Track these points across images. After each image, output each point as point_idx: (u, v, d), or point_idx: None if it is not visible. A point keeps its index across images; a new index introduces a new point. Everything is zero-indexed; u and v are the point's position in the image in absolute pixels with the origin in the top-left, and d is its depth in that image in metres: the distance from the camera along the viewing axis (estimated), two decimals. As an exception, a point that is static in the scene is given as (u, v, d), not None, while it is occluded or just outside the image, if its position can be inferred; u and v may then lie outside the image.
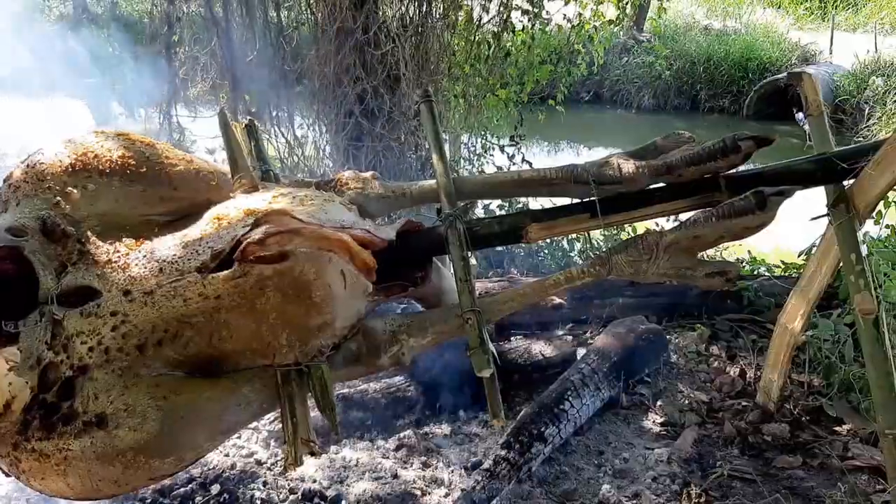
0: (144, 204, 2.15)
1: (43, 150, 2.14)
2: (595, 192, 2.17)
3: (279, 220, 1.82)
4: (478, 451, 3.07)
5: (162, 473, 1.95)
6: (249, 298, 1.86)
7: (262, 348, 1.97)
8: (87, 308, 1.93)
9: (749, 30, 15.42)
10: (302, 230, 1.80)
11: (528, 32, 7.12)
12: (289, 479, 2.86)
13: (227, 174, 2.25)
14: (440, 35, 6.39)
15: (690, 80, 14.17)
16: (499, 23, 6.96)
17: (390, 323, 2.09)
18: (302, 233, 1.80)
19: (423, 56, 6.14)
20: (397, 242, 2.11)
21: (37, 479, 1.87)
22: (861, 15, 18.81)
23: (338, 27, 5.22)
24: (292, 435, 1.96)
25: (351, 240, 1.87)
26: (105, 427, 1.83)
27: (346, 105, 5.52)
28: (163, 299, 1.92)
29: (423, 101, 2.34)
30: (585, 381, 3.22)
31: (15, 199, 2.08)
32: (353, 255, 1.89)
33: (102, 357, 1.90)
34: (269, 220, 1.83)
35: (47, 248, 1.99)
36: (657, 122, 14.11)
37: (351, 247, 1.87)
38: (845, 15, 18.85)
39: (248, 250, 1.78)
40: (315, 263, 1.81)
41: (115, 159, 2.11)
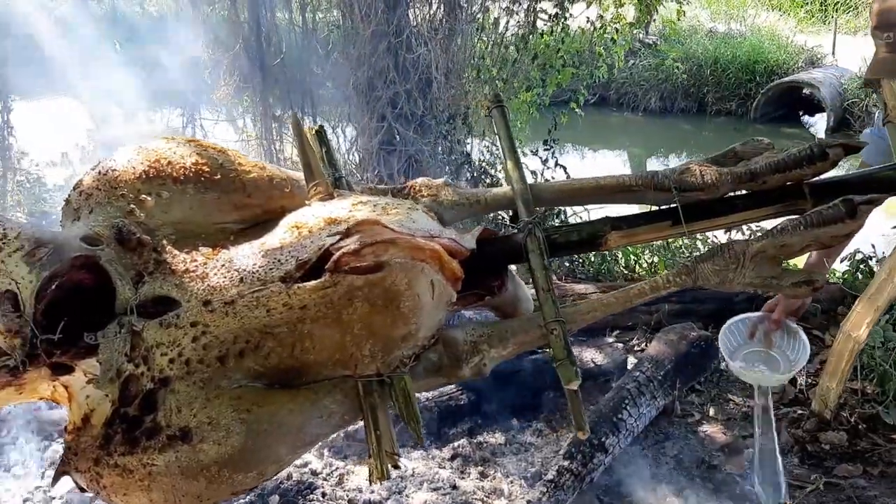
0: (218, 211, 2.11)
1: (114, 156, 2.10)
2: (677, 199, 2.12)
3: (371, 230, 1.78)
4: (535, 461, 3.03)
5: (244, 488, 1.91)
6: (336, 309, 1.82)
7: (344, 359, 1.92)
8: (167, 319, 1.88)
9: (754, 33, 15.37)
10: (397, 240, 1.76)
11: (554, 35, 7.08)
12: (347, 490, 2.82)
13: (299, 181, 2.21)
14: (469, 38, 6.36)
15: (697, 83, 14.11)
16: (525, 25, 6.93)
17: (471, 333, 2.04)
18: (397, 243, 1.75)
19: (451, 59, 6.11)
20: (475, 251, 2.06)
21: (119, 495, 1.83)
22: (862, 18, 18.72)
23: (372, 30, 5.18)
24: (377, 448, 1.91)
25: (442, 249, 1.82)
26: (189, 441, 1.79)
27: (378, 109, 5.48)
28: (245, 309, 1.87)
29: (495, 106, 2.30)
30: (641, 389, 3.18)
31: (87, 206, 2.04)
32: (443, 265, 1.84)
33: (183, 369, 1.85)
34: (361, 229, 1.78)
35: (123, 258, 1.95)
36: (664, 124, 14.08)
37: (442, 256, 1.82)
38: (846, 18, 18.77)
39: (343, 260, 1.74)
40: (408, 274, 1.77)
41: (188, 166, 2.07)
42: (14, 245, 1.78)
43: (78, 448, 1.85)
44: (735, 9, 17.66)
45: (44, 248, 1.82)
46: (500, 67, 6.75)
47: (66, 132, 9.43)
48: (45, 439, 3.23)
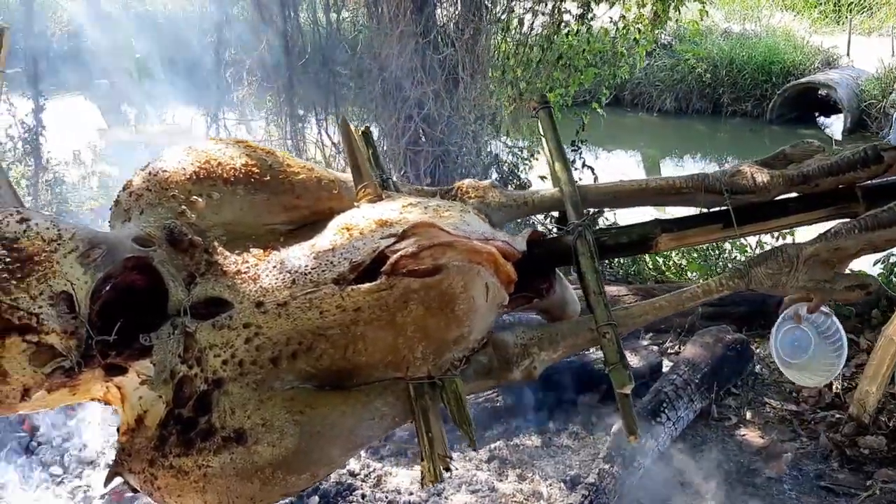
0: (268, 213, 2.11)
1: (164, 157, 2.10)
2: (728, 202, 2.10)
3: (428, 233, 1.77)
4: (572, 464, 3.01)
5: (296, 490, 1.91)
6: (391, 311, 1.81)
7: (395, 361, 1.92)
8: (220, 320, 1.88)
9: (769, 33, 15.26)
10: (454, 243, 1.75)
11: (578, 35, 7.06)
12: (385, 492, 2.82)
13: (346, 182, 2.20)
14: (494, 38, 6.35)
15: (713, 84, 14.04)
16: (550, 25, 6.91)
17: (521, 336, 2.03)
18: (455, 246, 1.75)
19: (477, 59, 6.10)
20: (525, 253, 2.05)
21: (173, 497, 1.83)
22: (876, 19, 18.58)
23: (400, 31, 5.17)
24: (429, 450, 1.90)
25: (498, 252, 1.81)
26: (244, 443, 1.79)
27: (406, 109, 5.47)
28: (297, 311, 1.87)
29: (542, 107, 2.29)
30: (679, 392, 3.16)
31: (138, 207, 2.04)
32: (498, 268, 1.83)
33: (237, 370, 1.85)
34: (417, 232, 1.78)
35: (175, 259, 1.95)
36: (679, 125, 14.03)
37: (497, 259, 1.82)
38: (860, 18, 18.62)
39: (401, 263, 1.73)
40: (465, 277, 1.76)
41: (238, 167, 2.07)
42: (69, 246, 1.77)
43: (132, 449, 1.85)
44: (749, 9, 17.55)
45: (97, 249, 1.82)
46: (524, 68, 6.74)
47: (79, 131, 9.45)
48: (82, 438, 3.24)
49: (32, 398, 1.76)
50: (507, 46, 6.83)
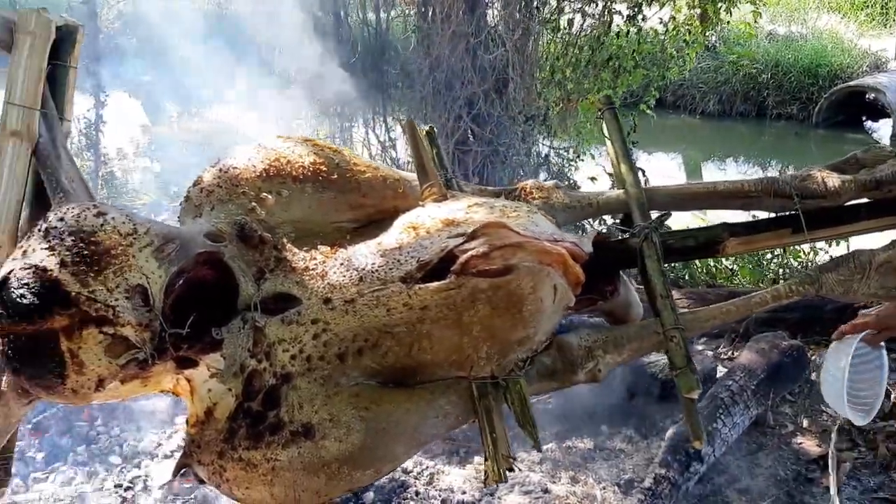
0: (335, 211, 2.14)
1: (234, 154, 2.14)
2: (798, 206, 2.07)
3: (498, 233, 1.77)
4: (626, 468, 3.00)
5: (360, 485, 1.93)
6: (458, 311, 1.82)
7: (460, 360, 1.93)
8: (288, 315, 1.91)
9: (815, 36, 14.95)
10: (525, 244, 1.75)
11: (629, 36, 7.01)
12: (439, 490, 2.83)
13: (411, 181, 2.22)
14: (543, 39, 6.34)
15: (757, 86, 13.79)
16: (600, 26, 6.87)
17: (585, 338, 2.02)
18: (525, 246, 1.75)
19: (526, 60, 6.09)
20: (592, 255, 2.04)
21: (241, 489, 1.86)
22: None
23: (452, 31, 5.19)
24: (492, 450, 1.91)
25: (567, 254, 1.81)
26: (312, 437, 1.81)
27: (455, 109, 5.49)
28: (365, 308, 1.89)
29: (607, 108, 2.28)
30: (735, 398, 3.12)
31: (209, 203, 2.08)
32: (567, 269, 1.83)
33: (304, 365, 1.88)
34: (487, 232, 1.78)
35: (245, 255, 1.98)
36: (722, 128, 13.83)
37: (567, 261, 1.81)
38: (909, 21, 18.16)
39: (471, 263, 1.74)
40: (534, 278, 1.76)
41: (307, 165, 2.10)
42: (144, 240, 1.81)
43: (201, 441, 1.89)
44: (795, 11, 17.24)
45: (171, 243, 1.85)
46: (573, 68, 6.71)
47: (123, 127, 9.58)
48: (140, 429, 3.31)
49: (106, 389, 1.79)
50: (555, 47, 6.81)
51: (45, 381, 1.74)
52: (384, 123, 7.67)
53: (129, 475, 2.98)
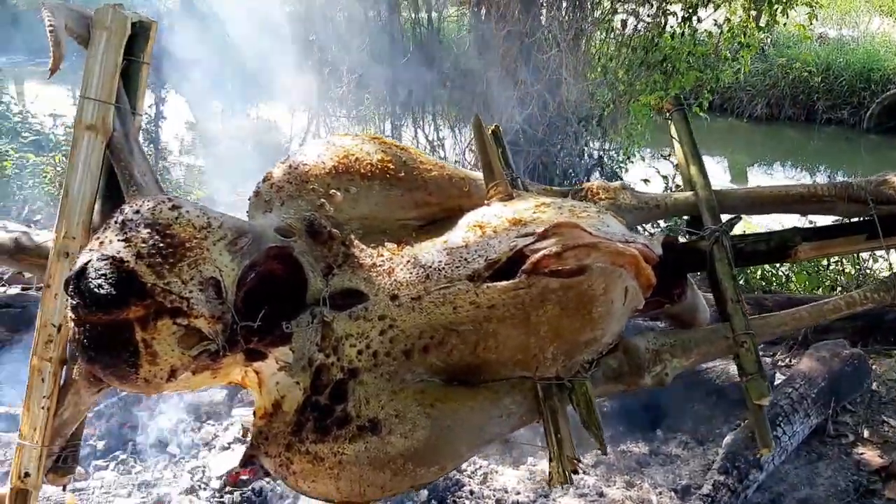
0: (401, 208, 2.15)
1: (304, 151, 2.16)
2: (874, 212, 2.02)
3: (570, 233, 1.76)
4: (682, 474, 2.95)
5: (423, 482, 1.93)
6: (526, 310, 1.81)
7: (525, 360, 1.92)
8: (356, 311, 1.92)
9: (867, 39, 14.55)
10: (599, 244, 1.74)
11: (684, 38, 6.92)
12: (493, 490, 2.82)
13: (476, 180, 2.22)
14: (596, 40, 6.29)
15: (807, 90, 13.44)
16: (654, 27, 6.79)
17: (653, 341, 2.00)
18: (599, 247, 1.73)
19: (578, 60, 6.05)
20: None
21: (307, 481, 1.88)
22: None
23: (507, 30, 5.17)
24: (557, 451, 1.90)
25: (640, 256, 1.79)
26: (378, 432, 1.82)
27: (507, 109, 5.47)
28: (431, 306, 1.90)
29: (676, 109, 2.26)
30: (794, 406, 3.06)
31: (279, 199, 2.11)
32: (639, 271, 1.82)
33: (371, 361, 1.89)
34: (560, 232, 1.77)
35: (314, 250, 2.00)
36: (770, 132, 13.55)
37: (640, 263, 1.80)
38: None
39: (543, 262, 1.73)
40: (607, 279, 1.75)
41: (374, 163, 2.11)
42: (218, 234, 1.83)
43: (269, 433, 1.91)
44: (846, 14, 16.82)
45: (244, 237, 1.88)
46: (626, 69, 6.64)
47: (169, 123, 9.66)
48: (197, 420, 3.36)
49: (178, 379, 1.82)
50: (608, 48, 6.74)
51: (119, 370, 1.77)
52: (433, 122, 7.68)
53: (187, 466, 3.02)
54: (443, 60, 7.09)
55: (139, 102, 2.31)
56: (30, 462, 2.12)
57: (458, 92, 7.04)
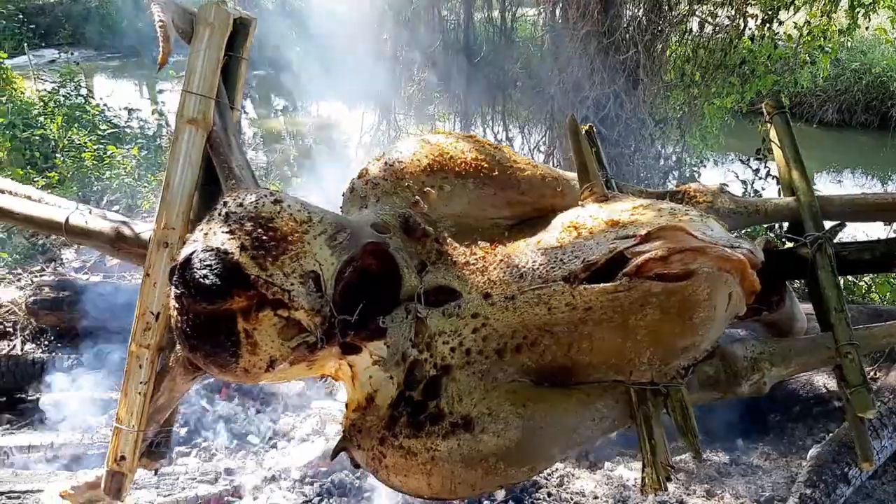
0: (493, 207, 2.15)
1: (399, 148, 2.17)
2: None
3: (676, 236, 1.74)
4: (765, 485, 2.89)
5: (513, 482, 1.93)
6: (624, 314, 1.79)
7: (620, 364, 1.90)
8: (449, 308, 1.93)
9: None
10: (706, 249, 1.71)
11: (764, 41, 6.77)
12: (570, 493, 2.80)
13: (570, 180, 2.21)
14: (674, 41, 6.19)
15: (881, 96, 13.00)
16: (733, 29, 6.65)
17: (750, 349, 1.96)
18: (706, 252, 1.70)
19: (654, 62, 5.96)
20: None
21: (398, 476, 1.89)
22: None
23: (586, 30, 5.13)
24: (651, 458, 1.87)
25: (747, 261, 1.76)
26: (471, 430, 1.82)
27: (583, 110, 5.43)
28: (525, 305, 1.89)
29: (777, 112, 2.20)
30: (883, 421, 2.96)
31: (374, 195, 2.13)
32: (744, 277, 1.78)
33: (464, 358, 1.89)
34: (665, 235, 1.74)
35: (408, 246, 2.01)
36: (840, 138, 13.15)
37: (746, 268, 1.76)
38: None
39: (648, 266, 1.71)
40: (712, 284, 1.72)
41: (469, 161, 2.12)
42: (318, 228, 1.86)
43: (362, 426, 1.93)
44: (922, 18, 16.17)
45: (343, 232, 1.90)
46: (703, 71, 6.52)
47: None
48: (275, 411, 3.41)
49: (276, 370, 1.85)
50: (684, 49, 6.64)
51: (220, 359, 1.81)
52: (502, 122, 7.68)
53: (267, 456, 3.07)
54: (515, 60, 7.08)
55: (237, 97, 2.35)
56: (126, 446, 2.18)
57: (529, 92, 7.02)
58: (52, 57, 13.72)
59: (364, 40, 7.71)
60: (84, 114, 8.51)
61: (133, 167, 7.20)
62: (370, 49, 7.71)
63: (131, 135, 8.43)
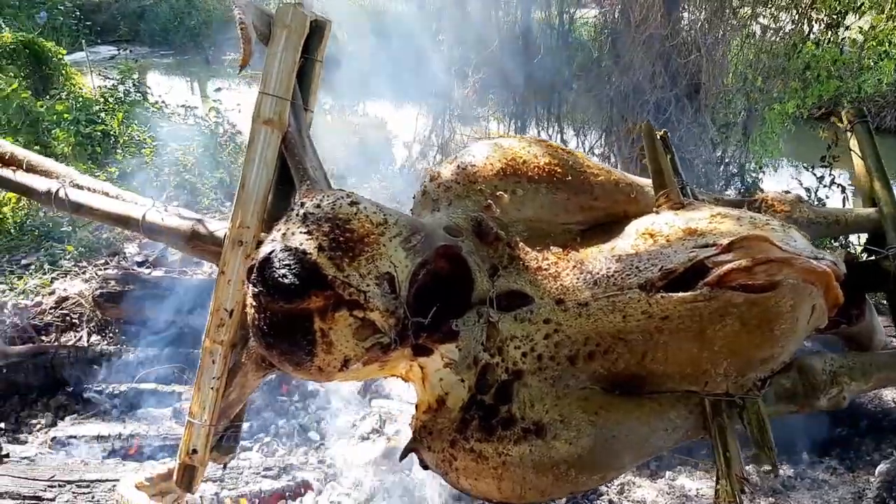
0: (565, 212, 2.14)
1: (472, 152, 2.17)
2: None
3: (759, 247, 1.71)
4: (831, 500, 2.83)
5: (583, 489, 1.93)
6: (702, 324, 1.77)
7: (694, 374, 1.88)
8: (521, 313, 1.93)
9: None
10: (792, 260, 1.68)
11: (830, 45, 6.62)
12: (632, 502, 2.77)
13: (643, 187, 2.18)
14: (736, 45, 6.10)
15: None
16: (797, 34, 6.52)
17: (829, 362, 1.92)
18: (792, 263, 1.67)
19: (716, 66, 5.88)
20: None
21: (468, 479, 1.89)
22: None
23: (649, 33, 5.08)
24: (726, 469, 1.85)
25: (832, 273, 1.72)
26: (543, 436, 1.82)
27: (642, 114, 5.37)
28: (599, 313, 1.88)
29: (859, 122, 2.15)
30: (958, 439, 2.88)
31: (446, 198, 2.13)
32: (828, 290, 1.74)
33: (535, 364, 1.89)
34: (748, 245, 1.72)
35: (480, 250, 2.01)
36: (899, 144, 12.71)
37: (830, 281, 1.72)
38: None
39: (731, 276, 1.68)
40: (797, 296, 1.69)
41: (542, 165, 2.11)
42: (394, 230, 1.87)
43: (433, 428, 1.94)
44: None
45: (417, 235, 1.91)
46: (766, 76, 6.39)
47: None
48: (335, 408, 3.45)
49: (349, 369, 1.87)
50: (746, 53, 6.52)
51: (296, 357, 1.84)
52: (557, 125, 7.62)
53: (328, 452, 3.10)
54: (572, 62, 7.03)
55: (311, 99, 2.38)
56: (198, 439, 2.21)
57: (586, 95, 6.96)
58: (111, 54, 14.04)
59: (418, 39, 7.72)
60: (143, 110, 8.68)
61: (192, 164, 7.32)
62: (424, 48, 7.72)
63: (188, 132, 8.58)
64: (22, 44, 8.93)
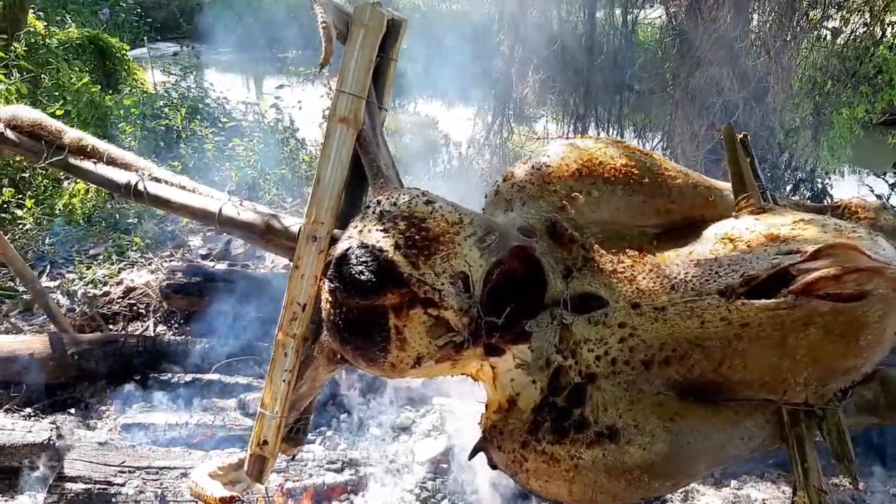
0: (641, 215, 2.11)
1: (547, 152, 2.16)
2: None
3: (847, 255, 1.67)
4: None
5: (655, 495, 1.90)
6: (784, 332, 1.73)
7: (773, 383, 1.84)
8: (595, 316, 1.91)
9: None
10: (882, 270, 1.63)
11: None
12: (691, 509, 2.73)
13: (722, 190, 2.15)
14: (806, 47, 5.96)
15: None
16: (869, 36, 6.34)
17: (914, 375, 1.87)
18: (883, 273, 1.63)
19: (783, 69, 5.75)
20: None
21: (539, 480, 1.88)
22: None
23: (718, 35, 4.99)
24: (804, 481, 1.81)
25: (923, 283, 1.67)
26: (616, 441, 1.80)
27: (708, 117, 5.28)
28: (676, 318, 1.85)
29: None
30: None
31: (520, 198, 2.12)
32: (917, 300, 1.69)
33: (609, 367, 1.87)
34: (835, 253, 1.68)
35: (554, 251, 2.00)
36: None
37: (920, 291, 1.67)
38: None
39: (818, 284, 1.65)
40: (886, 307, 1.64)
41: (618, 167, 2.09)
42: (469, 230, 1.87)
43: (504, 428, 1.94)
44: None
45: (492, 235, 1.90)
46: (836, 80, 6.23)
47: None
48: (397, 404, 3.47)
49: (422, 366, 1.88)
50: (818, 57, 6.37)
51: (370, 353, 1.85)
52: (618, 126, 7.55)
53: (390, 448, 3.12)
54: (634, 63, 6.95)
55: (385, 98, 2.39)
56: (269, 430, 2.25)
57: (649, 96, 6.88)
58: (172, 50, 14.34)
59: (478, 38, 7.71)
60: (205, 106, 8.85)
61: (254, 160, 7.44)
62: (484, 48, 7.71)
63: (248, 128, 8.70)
64: (88, 39, 9.18)
